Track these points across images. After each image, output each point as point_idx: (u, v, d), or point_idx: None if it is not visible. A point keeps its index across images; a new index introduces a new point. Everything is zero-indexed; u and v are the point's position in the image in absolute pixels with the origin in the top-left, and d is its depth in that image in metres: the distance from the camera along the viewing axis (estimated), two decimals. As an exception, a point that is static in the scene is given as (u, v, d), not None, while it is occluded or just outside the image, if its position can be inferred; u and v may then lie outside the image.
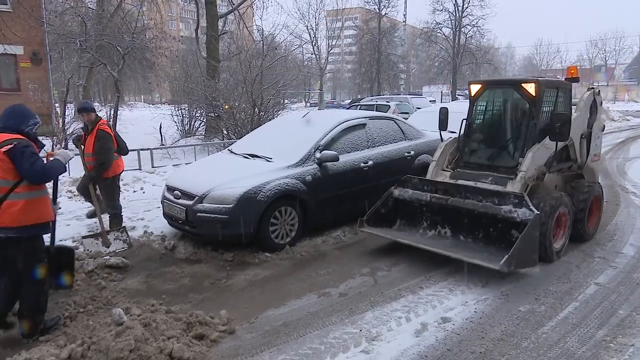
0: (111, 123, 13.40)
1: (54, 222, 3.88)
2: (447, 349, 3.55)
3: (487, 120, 5.93)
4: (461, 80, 43.92)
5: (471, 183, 5.36)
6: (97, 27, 15.37)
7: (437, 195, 5.29)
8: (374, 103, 19.83)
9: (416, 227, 5.62)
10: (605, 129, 7.47)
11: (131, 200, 8.23)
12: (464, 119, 5.90)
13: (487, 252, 4.82)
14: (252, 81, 13.50)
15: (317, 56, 51.94)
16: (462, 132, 5.92)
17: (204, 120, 16.35)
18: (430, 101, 24.99)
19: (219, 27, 17.97)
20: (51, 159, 3.74)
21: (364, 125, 6.73)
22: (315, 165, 5.92)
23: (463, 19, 42.86)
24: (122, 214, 6.18)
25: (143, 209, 7.49)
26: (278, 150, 6.13)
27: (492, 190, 5.00)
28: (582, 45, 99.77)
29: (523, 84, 5.37)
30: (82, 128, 5.91)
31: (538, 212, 4.53)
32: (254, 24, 24.98)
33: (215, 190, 5.42)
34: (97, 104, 28.53)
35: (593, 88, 6.26)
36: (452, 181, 5.56)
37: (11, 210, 3.39)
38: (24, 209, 3.42)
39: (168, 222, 6.09)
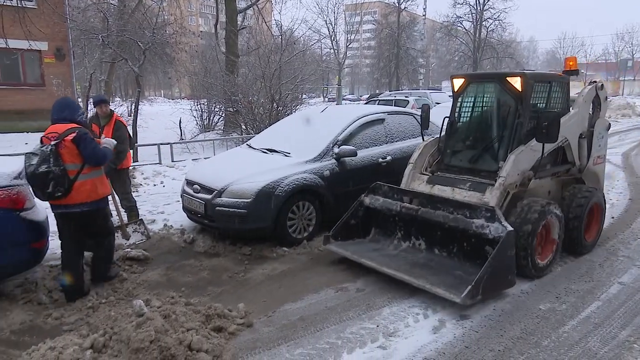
0: (132, 117, 13.63)
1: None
2: (465, 346, 3.52)
3: (471, 118, 5.37)
4: (482, 75, 43.22)
5: (448, 189, 4.91)
6: (119, 22, 15.56)
7: (407, 205, 4.83)
8: (393, 98, 19.66)
9: (391, 237, 5.17)
10: (632, 124, 7.20)
11: (151, 194, 8.35)
12: (445, 117, 5.45)
13: (462, 270, 4.39)
14: (270, 76, 13.53)
15: (336, 51, 51.80)
16: (444, 131, 5.45)
17: (223, 115, 16.47)
18: (449, 96, 24.65)
19: (238, 22, 18.03)
20: (102, 146, 4.36)
21: (382, 120, 6.69)
22: (334, 160, 5.92)
23: (484, 12, 42.20)
24: (137, 206, 6.28)
25: (163, 203, 7.60)
26: (296, 145, 6.14)
27: (461, 202, 4.48)
28: (608, 38, 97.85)
29: (508, 78, 4.84)
30: (91, 120, 6.01)
31: (511, 229, 3.99)
32: (273, 18, 24.99)
33: (234, 184, 5.46)
34: (119, 99, 29.01)
35: (595, 82, 5.67)
36: (424, 189, 5.08)
37: (83, 188, 4.08)
38: (93, 186, 4.15)
39: (187, 216, 6.17)
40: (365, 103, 22.14)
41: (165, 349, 3.08)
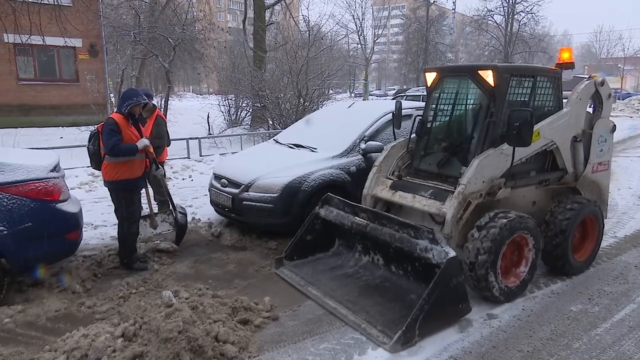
0: (162, 113, 13.88)
1: (167, 190, 5.62)
2: (492, 345, 3.46)
3: (444, 117, 4.85)
4: (513, 70, 42.20)
5: (409, 196, 4.41)
6: (150, 19, 15.88)
7: (356, 220, 4.37)
8: (420, 94, 19.42)
9: (352, 250, 4.77)
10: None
11: (180, 187, 8.51)
12: (417, 116, 4.95)
13: (417, 294, 3.82)
14: (297, 71, 13.56)
15: (363, 46, 51.48)
16: (415, 131, 4.92)
17: (250, 111, 16.61)
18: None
19: (266, 18, 18.12)
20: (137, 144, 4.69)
21: (409, 116, 6.59)
22: (360, 156, 5.89)
23: (517, 5, 41.07)
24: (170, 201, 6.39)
25: (191, 197, 7.73)
26: (323, 141, 6.14)
27: (402, 221, 3.96)
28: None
29: (479, 71, 4.29)
30: None
31: (453, 255, 3.49)
32: (300, 14, 25.01)
33: (261, 179, 5.51)
34: (149, 94, 29.52)
35: (594, 77, 4.95)
36: (386, 195, 4.60)
37: (105, 169, 4.70)
38: (113, 169, 4.64)
39: (215, 210, 6.26)
40: (392, 99, 21.94)
41: (193, 339, 3.14)
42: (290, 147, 6.38)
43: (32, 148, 7.47)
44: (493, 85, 4.20)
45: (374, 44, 52.92)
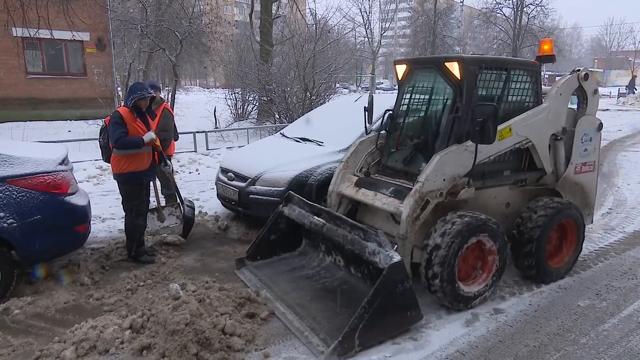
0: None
1: (175, 184, 5.70)
2: (499, 340, 3.46)
3: (413, 112, 4.59)
4: (521, 64, 41.76)
5: (370, 194, 4.22)
6: (157, 13, 15.90)
7: (314, 220, 4.21)
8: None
9: (317, 250, 4.61)
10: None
11: (187, 181, 8.55)
12: (387, 110, 4.74)
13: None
14: (304, 65, 13.53)
15: (370, 39, 51.21)
16: (385, 126, 4.72)
17: (257, 104, 16.62)
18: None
19: (273, 11, 18.06)
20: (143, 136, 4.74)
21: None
22: (367, 150, 5.85)
23: (526, -2, 40.57)
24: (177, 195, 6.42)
25: (198, 190, 7.76)
26: (329, 135, 6.12)
27: (353, 223, 3.81)
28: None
29: (446, 63, 4.03)
30: None
31: (397, 261, 3.28)
32: (307, 7, 24.88)
33: (268, 172, 5.51)
34: (156, 88, 29.60)
35: (578, 70, 4.62)
36: (350, 192, 4.42)
37: (113, 162, 4.78)
38: (119, 161, 4.73)
39: (221, 203, 6.28)
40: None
41: (200, 331, 3.16)
42: (297, 141, 6.37)
43: (41, 141, 7.53)
44: (459, 78, 3.96)
45: (381, 37, 52.62)
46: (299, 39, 15.18)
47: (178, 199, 5.70)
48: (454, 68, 3.97)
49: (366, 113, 4.89)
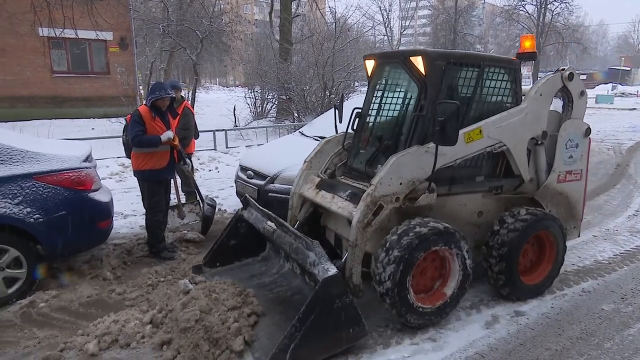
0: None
1: (195, 183, 5.81)
2: (519, 343, 3.41)
3: (380, 110, 4.26)
4: (545, 62, 41.00)
5: (329, 197, 3.92)
6: (178, 12, 16.07)
7: (266, 226, 3.97)
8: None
9: (279, 256, 4.27)
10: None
11: (207, 178, 8.64)
12: (355, 108, 4.43)
13: None
14: (323, 64, 13.53)
15: (390, 38, 50.87)
16: (352, 125, 4.41)
17: (276, 103, 16.68)
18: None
19: (292, 10, 18.09)
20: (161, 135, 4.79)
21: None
22: (386, 149, 5.82)
23: (550, -5, 39.77)
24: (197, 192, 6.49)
25: (217, 187, 7.84)
26: (348, 133, 6.09)
27: (292, 231, 3.61)
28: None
29: (411, 57, 3.71)
30: None
31: (332, 274, 3.03)
32: (327, 5, 24.87)
33: (287, 171, 5.52)
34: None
35: (562, 70, 4.23)
36: (311, 194, 4.12)
37: (133, 158, 4.95)
38: (138, 159, 4.87)
39: (240, 201, 6.32)
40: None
41: (209, 328, 3.16)
42: (316, 140, 6.36)
43: (65, 139, 7.70)
44: (424, 73, 3.65)
45: (400, 35, 52.20)
46: (318, 37, 15.20)
47: (198, 197, 5.77)
48: (419, 63, 3.66)
49: (336, 111, 4.63)
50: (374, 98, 4.27)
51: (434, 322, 3.56)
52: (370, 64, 4.29)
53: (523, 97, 4.08)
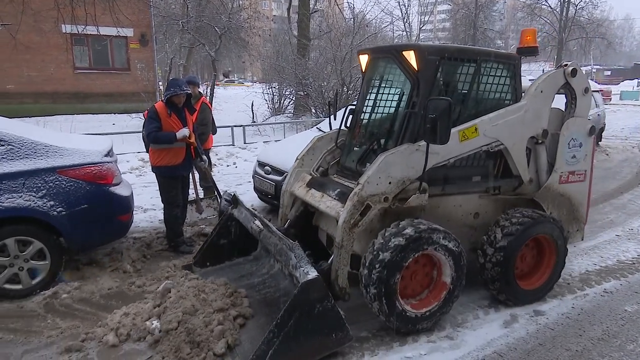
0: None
1: (212, 179, 5.85)
2: (538, 343, 3.36)
3: (373, 106, 4.12)
4: (567, 58, 40.11)
5: (318, 195, 3.82)
6: (197, 8, 16.20)
7: (253, 225, 3.89)
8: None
9: (269, 255, 4.05)
10: None
11: (224, 174, 8.70)
12: (348, 104, 4.35)
13: None
14: (341, 59, 13.48)
15: (408, 33, 50.38)
16: (346, 122, 4.29)
17: (293, 99, 16.71)
18: (529, 80, 23.20)
19: (311, 6, 18.07)
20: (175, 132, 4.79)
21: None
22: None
23: (573, -11, 38.89)
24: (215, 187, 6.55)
25: (235, 183, 7.90)
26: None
27: (276, 232, 3.53)
28: None
29: (403, 52, 3.57)
30: None
31: (312, 278, 2.90)
32: (345, 1, 24.75)
33: (304, 167, 5.52)
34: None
35: (565, 65, 4.03)
36: (301, 193, 4.03)
37: (150, 154, 4.97)
38: (154, 154, 4.90)
39: (258, 196, 6.37)
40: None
41: (192, 330, 3.12)
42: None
43: (87, 134, 7.84)
44: (416, 69, 3.50)
45: (419, 31, 51.65)
46: (336, 33, 15.14)
47: (215, 192, 5.82)
48: (411, 57, 3.51)
49: (330, 108, 4.47)
50: (368, 94, 4.15)
51: (425, 328, 3.41)
52: (364, 59, 4.17)
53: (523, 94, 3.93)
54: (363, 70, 4.22)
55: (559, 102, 4.11)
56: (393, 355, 3.18)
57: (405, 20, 49.21)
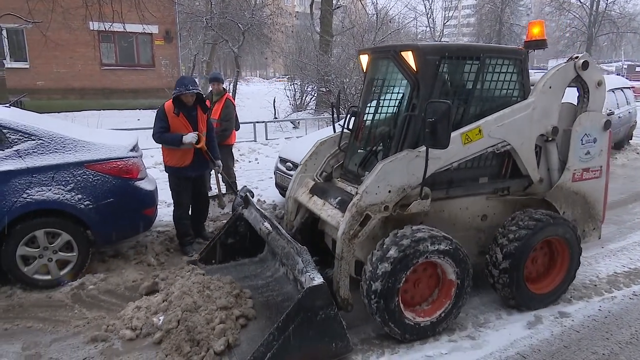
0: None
1: (226, 178, 5.84)
2: (563, 345, 3.29)
3: (376, 108, 3.99)
4: (597, 53, 39.02)
5: (320, 202, 3.75)
6: (221, 5, 16.33)
7: (262, 227, 3.87)
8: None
9: (275, 258, 4.05)
10: None
11: (246, 169, 8.77)
12: (351, 106, 4.25)
13: None
14: (364, 56, 13.38)
15: (432, 29, 49.76)
16: (347, 125, 4.21)
17: (315, 95, 16.70)
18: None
19: (333, 1, 18.01)
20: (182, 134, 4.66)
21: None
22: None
23: (604, -18, 37.74)
24: (236, 182, 6.61)
25: (257, 179, 7.95)
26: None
27: (284, 235, 3.47)
28: None
29: (402, 52, 3.44)
30: (207, 95, 6.44)
31: (318, 284, 2.85)
32: (368, -4, 24.59)
33: (325, 163, 5.52)
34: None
35: (576, 58, 3.84)
36: (304, 199, 3.97)
37: (162, 152, 4.90)
38: (163, 152, 4.88)
39: (279, 192, 6.40)
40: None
41: (192, 328, 3.12)
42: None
43: (114, 129, 8.00)
44: (415, 70, 3.38)
45: (443, 26, 50.94)
46: (359, 29, 15.07)
47: (233, 190, 5.86)
48: (409, 58, 3.38)
49: (333, 110, 4.43)
50: (369, 96, 4.05)
51: (429, 336, 3.33)
52: (364, 60, 4.06)
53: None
54: (364, 70, 4.13)
55: (570, 96, 3.95)
56: (414, 353, 3.17)
57: (429, 15, 48.61)
